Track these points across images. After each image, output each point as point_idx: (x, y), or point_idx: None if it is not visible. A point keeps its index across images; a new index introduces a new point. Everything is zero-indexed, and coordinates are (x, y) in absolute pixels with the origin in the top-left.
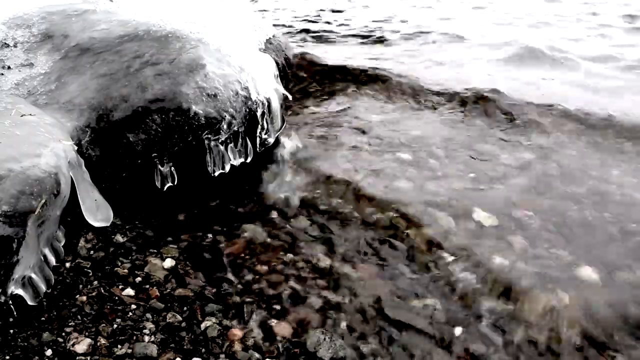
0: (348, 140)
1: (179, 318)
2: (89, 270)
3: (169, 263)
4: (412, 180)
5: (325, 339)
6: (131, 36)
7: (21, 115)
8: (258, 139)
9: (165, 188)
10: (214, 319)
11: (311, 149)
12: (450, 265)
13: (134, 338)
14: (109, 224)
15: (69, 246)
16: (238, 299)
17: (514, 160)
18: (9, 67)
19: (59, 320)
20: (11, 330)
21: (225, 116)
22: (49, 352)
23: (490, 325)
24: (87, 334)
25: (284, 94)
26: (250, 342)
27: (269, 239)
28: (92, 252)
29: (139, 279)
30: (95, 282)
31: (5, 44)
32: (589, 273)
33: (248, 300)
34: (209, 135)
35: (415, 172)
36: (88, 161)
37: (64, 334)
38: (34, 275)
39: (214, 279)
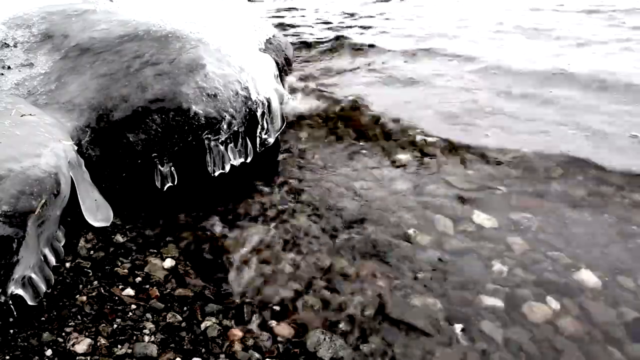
0: None
1: (179, 318)
2: (89, 270)
3: (169, 263)
4: None
5: (325, 339)
6: (131, 36)
7: (21, 115)
8: (258, 139)
9: (165, 188)
10: (214, 319)
11: None
12: None
13: (134, 338)
14: (109, 224)
15: (69, 246)
16: (238, 299)
17: None
18: (9, 67)
19: (59, 320)
20: (11, 330)
21: (225, 116)
22: (49, 352)
23: None
24: (87, 334)
25: (283, 94)
26: (250, 342)
27: (270, 239)
28: (92, 252)
29: (139, 279)
30: (95, 282)
31: (5, 44)
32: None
33: (248, 300)
34: (209, 135)
35: None
36: (88, 161)
37: (64, 334)
38: (34, 275)
39: (214, 279)
